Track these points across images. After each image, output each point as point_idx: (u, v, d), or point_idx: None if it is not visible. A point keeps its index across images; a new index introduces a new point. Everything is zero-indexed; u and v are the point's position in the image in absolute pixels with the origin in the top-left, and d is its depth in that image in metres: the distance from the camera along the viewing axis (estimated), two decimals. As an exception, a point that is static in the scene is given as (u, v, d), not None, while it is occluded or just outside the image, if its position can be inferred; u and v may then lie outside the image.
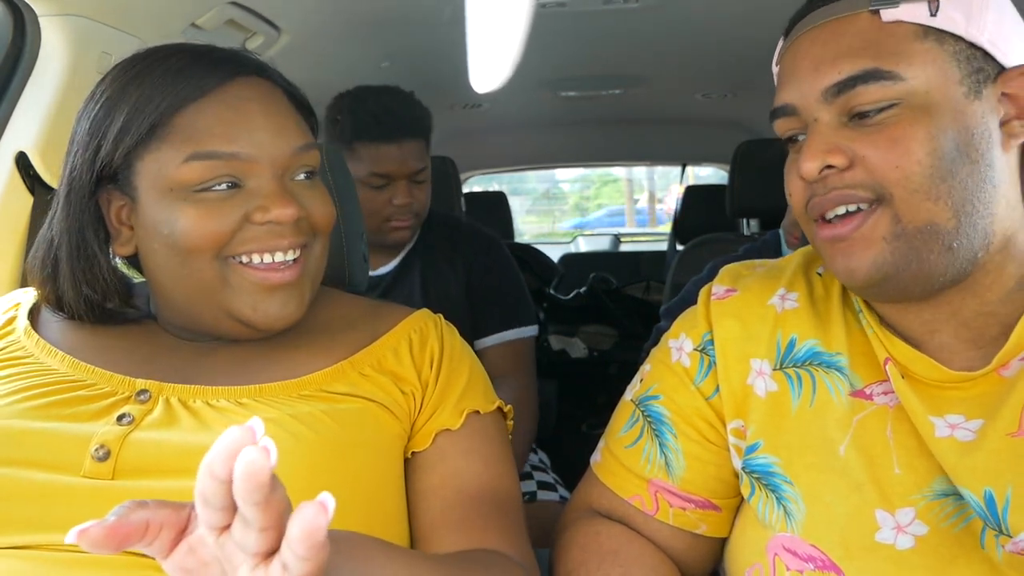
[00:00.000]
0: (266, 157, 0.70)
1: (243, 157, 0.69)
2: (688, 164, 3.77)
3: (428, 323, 0.82)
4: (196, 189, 0.69)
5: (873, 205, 0.63)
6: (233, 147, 0.69)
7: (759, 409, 0.73)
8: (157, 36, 1.23)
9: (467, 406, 0.76)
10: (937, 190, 0.61)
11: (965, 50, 0.63)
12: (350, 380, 0.74)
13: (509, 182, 7.23)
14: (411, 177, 1.50)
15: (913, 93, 0.62)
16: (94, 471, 0.63)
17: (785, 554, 0.67)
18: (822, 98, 0.64)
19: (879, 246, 0.63)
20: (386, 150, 1.46)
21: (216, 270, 0.70)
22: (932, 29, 0.63)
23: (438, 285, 1.58)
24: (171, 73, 0.70)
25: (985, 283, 0.65)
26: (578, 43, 1.87)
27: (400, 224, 1.51)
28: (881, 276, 0.63)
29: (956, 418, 0.63)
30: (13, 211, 1.09)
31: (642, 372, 0.84)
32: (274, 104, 0.74)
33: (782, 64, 0.70)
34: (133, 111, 0.69)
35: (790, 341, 0.74)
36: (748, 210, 2.17)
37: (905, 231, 0.62)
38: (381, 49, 1.78)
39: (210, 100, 0.70)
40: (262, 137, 0.70)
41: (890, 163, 0.62)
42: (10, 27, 1.09)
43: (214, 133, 0.69)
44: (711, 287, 0.81)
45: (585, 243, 5.90)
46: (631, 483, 0.78)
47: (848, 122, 0.64)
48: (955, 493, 0.62)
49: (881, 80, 0.62)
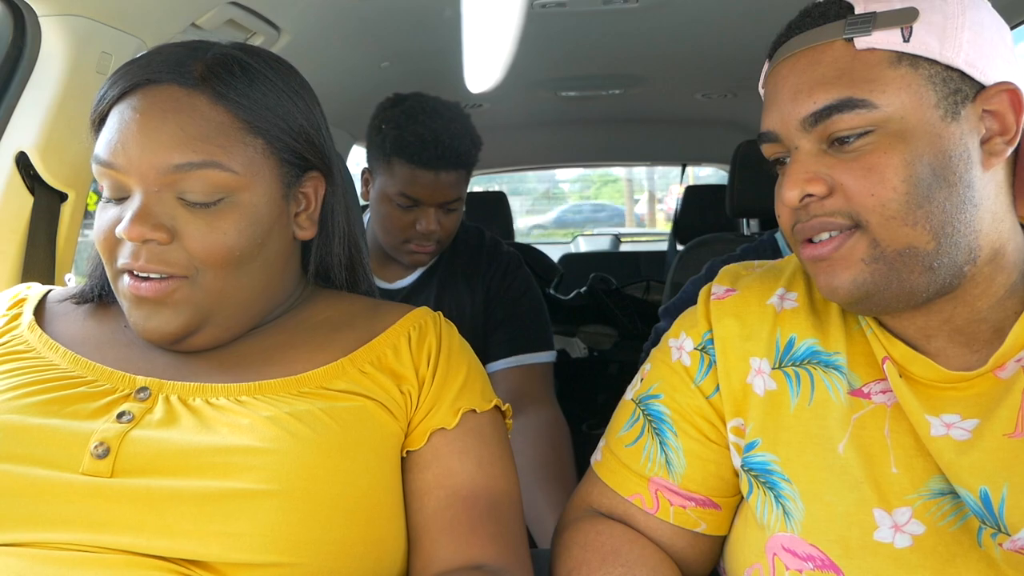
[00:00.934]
0: (136, 172, 0.69)
1: (118, 168, 0.70)
2: (688, 164, 3.77)
3: (427, 320, 0.81)
4: (104, 195, 0.71)
5: (852, 229, 0.64)
6: (113, 158, 0.70)
7: (758, 407, 0.73)
8: (157, 36, 1.23)
9: (463, 405, 0.76)
10: (914, 216, 0.62)
11: (940, 72, 0.63)
12: (350, 377, 0.74)
13: (509, 182, 7.23)
14: (442, 205, 1.44)
15: (889, 120, 0.63)
16: (93, 468, 0.62)
17: (784, 554, 0.67)
18: (801, 127, 0.66)
19: (858, 267, 0.64)
20: (422, 175, 1.38)
21: (115, 278, 0.73)
22: (906, 55, 0.63)
23: (453, 303, 1.53)
24: (118, 72, 0.74)
25: (975, 293, 0.66)
26: (578, 43, 1.87)
27: (419, 250, 1.45)
28: (862, 294, 0.65)
29: (952, 417, 0.63)
30: (13, 211, 1.09)
31: (642, 371, 0.84)
32: (166, 116, 0.70)
33: (766, 89, 0.72)
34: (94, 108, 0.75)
35: (789, 340, 0.74)
36: (748, 210, 2.17)
37: (884, 254, 0.63)
38: (381, 49, 1.78)
39: (116, 109, 0.72)
40: (134, 151, 0.69)
41: (866, 191, 0.63)
42: (10, 27, 1.09)
43: (104, 143, 0.71)
44: (711, 287, 0.81)
45: (585, 243, 5.91)
46: (632, 482, 0.78)
47: (828, 149, 0.65)
48: (952, 492, 0.62)
49: (856, 108, 0.63)
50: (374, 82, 2.00)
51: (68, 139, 1.12)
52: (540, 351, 1.53)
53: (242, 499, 0.62)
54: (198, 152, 0.69)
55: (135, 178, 0.69)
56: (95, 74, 1.14)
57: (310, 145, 0.78)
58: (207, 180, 0.70)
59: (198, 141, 0.69)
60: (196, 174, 0.69)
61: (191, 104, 0.71)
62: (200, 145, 0.69)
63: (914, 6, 0.63)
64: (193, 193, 0.70)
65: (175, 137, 0.69)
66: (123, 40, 1.17)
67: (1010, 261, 0.66)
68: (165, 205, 0.69)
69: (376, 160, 1.46)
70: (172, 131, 0.69)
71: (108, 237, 0.71)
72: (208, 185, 0.70)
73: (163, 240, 0.69)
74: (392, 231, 1.45)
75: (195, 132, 0.70)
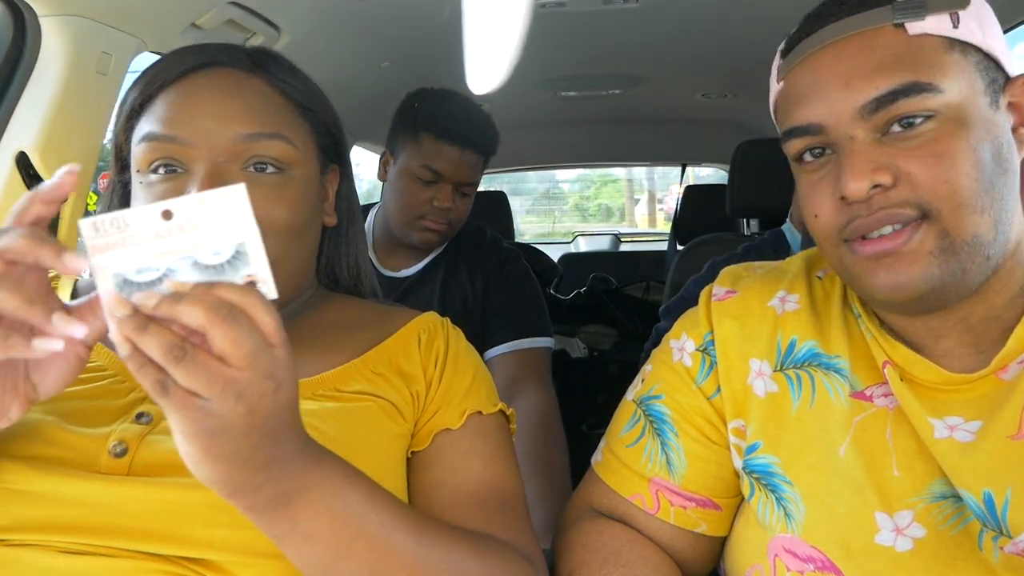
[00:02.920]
0: (203, 142, 0.69)
1: (181, 141, 0.69)
2: (688, 164, 3.77)
3: (436, 324, 0.82)
4: (148, 172, 0.70)
5: (918, 221, 0.61)
6: (173, 130, 0.70)
7: (759, 409, 0.73)
8: (157, 36, 1.23)
9: (469, 407, 0.76)
10: (982, 203, 0.60)
11: (983, 61, 0.63)
12: (364, 378, 0.74)
13: (509, 182, 7.23)
14: (459, 185, 1.50)
15: (949, 105, 0.60)
16: (110, 467, 0.63)
17: (785, 555, 0.67)
18: (858, 115, 0.62)
19: (926, 260, 0.61)
20: (448, 151, 1.46)
21: None
22: (956, 41, 0.62)
23: (456, 294, 1.56)
24: (157, 64, 0.74)
25: (995, 288, 0.64)
26: (578, 43, 1.87)
27: (432, 226, 1.50)
28: (928, 289, 0.61)
29: (955, 420, 0.63)
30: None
31: (643, 372, 0.84)
32: (235, 93, 0.72)
33: (796, 81, 0.67)
34: (125, 101, 0.75)
35: (790, 343, 0.74)
36: (748, 210, 2.17)
37: (953, 245, 0.60)
38: (381, 49, 1.78)
39: (174, 87, 0.72)
40: (203, 122, 0.70)
41: (938, 178, 0.60)
42: (10, 27, 1.09)
43: (162, 117, 0.71)
44: (711, 288, 0.81)
45: (585, 243, 5.90)
46: (632, 482, 0.78)
47: (883, 138, 0.62)
48: (953, 496, 0.62)
49: (922, 93, 0.60)
50: (374, 82, 1.99)
51: (68, 139, 1.12)
52: (537, 336, 1.56)
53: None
54: (266, 124, 0.72)
55: (202, 149, 0.69)
56: (95, 74, 1.14)
57: (337, 136, 0.82)
58: (274, 150, 0.72)
59: (265, 115, 0.72)
60: (264, 144, 0.71)
61: (251, 84, 0.74)
62: (267, 118, 0.72)
63: None
64: (260, 160, 0.71)
65: (244, 110, 0.71)
66: (123, 40, 1.17)
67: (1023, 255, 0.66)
68: (231, 175, 0.70)
69: (403, 137, 1.51)
70: (240, 105, 0.72)
71: None
72: (275, 154, 0.72)
73: None
74: (408, 207, 1.49)
75: (260, 107, 0.73)
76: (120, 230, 0.46)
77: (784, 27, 0.73)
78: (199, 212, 0.46)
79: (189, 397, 0.45)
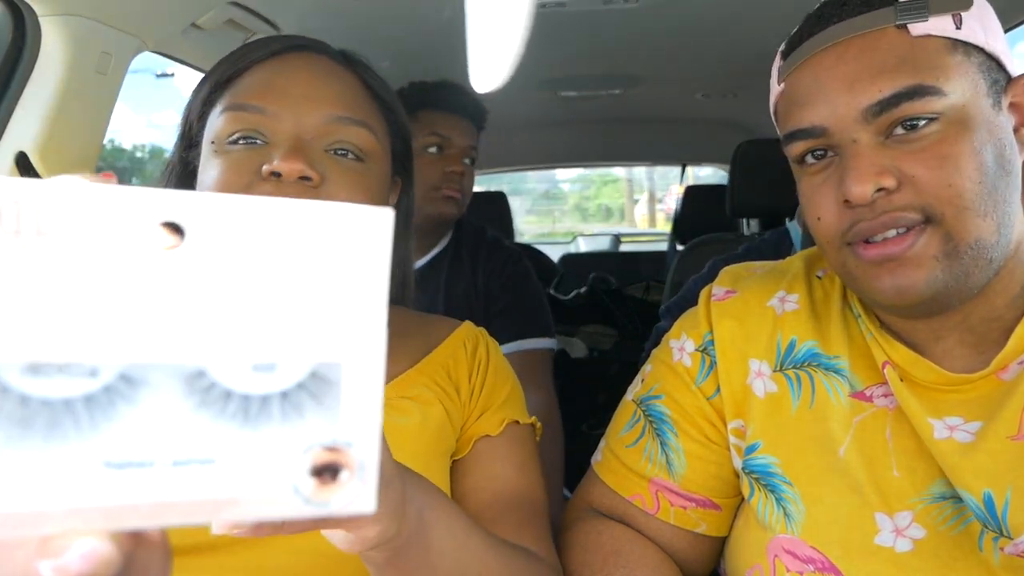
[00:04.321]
0: (291, 117, 0.69)
1: (269, 113, 0.69)
2: (688, 164, 3.77)
3: (476, 333, 0.84)
4: (226, 141, 0.69)
5: (923, 224, 0.61)
6: (262, 102, 0.69)
7: (758, 409, 0.73)
8: (157, 36, 1.23)
9: (507, 415, 0.78)
10: (985, 206, 0.59)
11: (986, 61, 0.62)
12: (421, 387, 0.75)
13: (509, 182, 7.23)
14: (466, 155, 1.55)
15: (952, 108, 0.60)
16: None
17: (785, 555, 0.67)
18: (861, 117, 0.61)
19: (931, 264, 0.60)
20: (446, 117, 1.54)
21: None
22: (959, 42, 0.62)
23: (459, 290, 1.58)
24: (246, 46, 0.74)
25: (997, 289, 0.64)
26: (578, 43, 1.86)
27: (449, 192, 1.52)
28: (932, 293, 0.61)
29: (955, 420, 0.63)
30: (13, 211, 1.09)
31: (643, 372, 0.84)
32: (328, 78, 0.72)
33: (798, 83, 0.66)
34: (206, 79, 0.74)
35: (790, 343, 0.74)
36: (748, 210, 2.17)
37: (957, 249, 0.60)
38: (381, 49, 1.78)
39: (263, 65, 0.72)
40: (295, 99, 0.69)
41: (942, 181, 0.59)
42: (10, 27, 1.09)
43: (251, 90, 0.70)
44: (711, 288, 0.81)
45: (585, 243, 5.91)
46: (632, 482, 0.78)
47: (886, 141, 0.61)
48: (953, 496, 0.62)
49: (926, 96, 0.59)
50: (374, 82, 1.99)
51: (68, 139, 1.12)
52: (539, 337, 1.57)
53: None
54: (356, 111, 0.72)
55: (288, 123, 0.69)
56: (95, 74, 1.14)
57: (408, 145, 0.82)
58: (360, 137, 0.71)
59: (355, 102, 0.73)
60: (353, 129, 0.71)
61: (342, 73, 0.74)
62: (356, 106, 0.72)
63: None
64: (343, 146, 0.71)
65: (337, 93, 0.72)
66: (123, 40, 1.17)
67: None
68: (314, 152, 0.69)
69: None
70: (333, 88, 0.72)
71: (243, 175, 0.67)
72: (361, 141, 0.72)
73: (315, 181, 0.67)
74: (424, 183, 1.51)
75: (351, 95, 0.73)
76: (15, 232, 0.20)
77: (785, 27, 0.73)
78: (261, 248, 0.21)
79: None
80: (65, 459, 0.20)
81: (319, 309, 0.21)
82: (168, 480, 0.21)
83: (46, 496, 0.20)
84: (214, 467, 0.21)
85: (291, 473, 0.22)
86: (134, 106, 28.66)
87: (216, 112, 0.71)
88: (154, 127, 29.08)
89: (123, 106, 1.65)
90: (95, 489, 0.20)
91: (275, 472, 0.22)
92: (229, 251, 0.21)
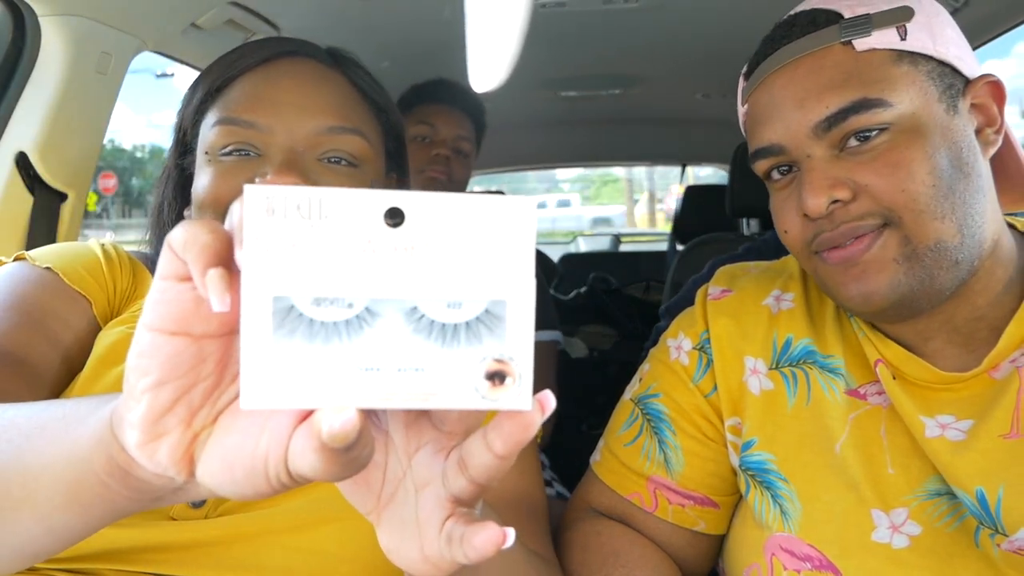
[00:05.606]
0: (284, 130, 0.70)
1: (261, 127, 0.70)
2: (688, 164, 3.77)
3: None
4: (219, 153, 0.70)
5: (881, 228, 0.62)
6: (253, 116, 0.70)
7: (754, 407, 0.73)
8: (157, 36, 1.23)
9: None
10: (942, 208, 0.61)
11: (937, 68, 0.64)
12: None
13: (509, 182, 7.23)
14: (454, 143, 1.57)
15: (902, 116, 0.62)
16: (186, 514, 0.64)
17: (783, 554, 0.67)
18: (812, 133, 0.64)
19: (892, 268, 0.62)
20: (436, 108, 1.58)
21: None
22: (905, 52, 0.63)
23: None
24: (235, 51, 0.75)
25: (976, 288, 0.65)
26: (577, 43, 1.86)
27: (433, 174, 1.55)
28: (897, 297, 0.63)
29: (947, 418, 0.63)
30: (13, 211, 1.09)
31: (641, 371, 0.84)
32: (319, 85, 0.73)
33: (755, 104, 0.69)
34: (197, 85, 0.75)
35: (786, 341, 0.74)
36: (748, 210, 2.17)
37: (916, 251, 0.62)
38: (381, 49, 1.78)
39: (253, 74, 0.72)
40: (286, 111, 0.70)
41: (895, 188, 0.61)
42: (10, 27, 1.09)
43: (241, 103, 0.71)
44: (707, 288, 0.82)
45: (585, 243, 5.91)
46: (630, 481, 0.78)
47: (840, 154, 0.64)
48: (948, 493, 0.62)
49: (872, 108, 0.62)
50: (374, 82, 1.99)
51: (68, 139, 1.12)
52: (542, 330, 1.60)
53: (333, 522, 0.64)
54: (347, 119, 0.72)
55: (280, 136, 0.69)
56: (95, 74, 1.14)
57: (402, 142, 0.82)
58: (352, 145, 0.72)
59: (345, 109, 0.73)
60: (345, 138, 0.72)
61: (332, 78, 0.74)
62: (347, 113, 0.73)
63: (906, 4, 0.64)
64: (336, 154, 0.71)
65: (327, 103, 0.72)
66: (123, 40, 1.17)
67: (1006, 254, 0.66)
68: (307, 162, 0.70)
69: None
70: (323, 97, 0.72)
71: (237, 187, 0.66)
72: (353, 148, 0.72)
73: None
74: (413, 168, 1.53)
75: (341, 102, 0.73)
76: (307, 218, 0.30)
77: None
78: (452, 226, 0.31)
79: None
80: (333, 360, 0.30)
81: (490, 265, 0.31)
82: (393, 380, 0.31)
83: (323, 382, 0.30)
84: (423, 373, 0.31)
85: (473, 377, 0.31)
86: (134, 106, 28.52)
87: (208, 123, 0.72)
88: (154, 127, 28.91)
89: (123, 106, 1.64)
90: (350, 381, 0.31)
91: (462, 376, 0.31)
92: (431, 227, 0.31)
